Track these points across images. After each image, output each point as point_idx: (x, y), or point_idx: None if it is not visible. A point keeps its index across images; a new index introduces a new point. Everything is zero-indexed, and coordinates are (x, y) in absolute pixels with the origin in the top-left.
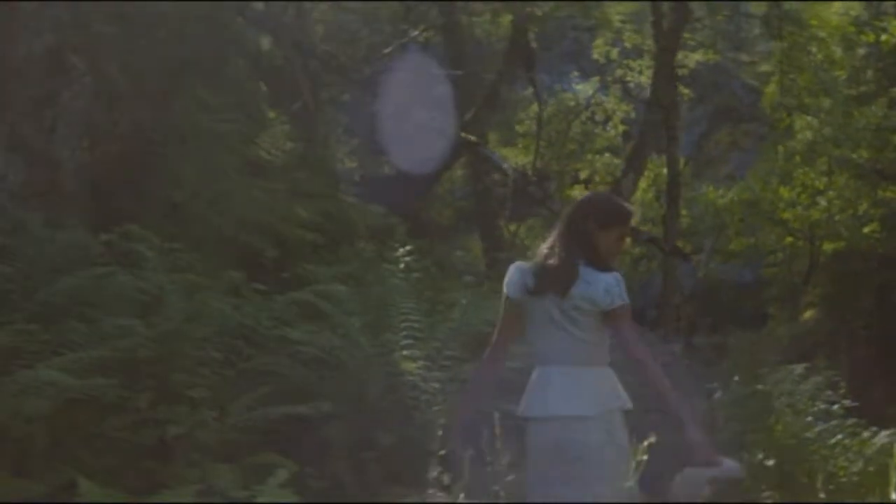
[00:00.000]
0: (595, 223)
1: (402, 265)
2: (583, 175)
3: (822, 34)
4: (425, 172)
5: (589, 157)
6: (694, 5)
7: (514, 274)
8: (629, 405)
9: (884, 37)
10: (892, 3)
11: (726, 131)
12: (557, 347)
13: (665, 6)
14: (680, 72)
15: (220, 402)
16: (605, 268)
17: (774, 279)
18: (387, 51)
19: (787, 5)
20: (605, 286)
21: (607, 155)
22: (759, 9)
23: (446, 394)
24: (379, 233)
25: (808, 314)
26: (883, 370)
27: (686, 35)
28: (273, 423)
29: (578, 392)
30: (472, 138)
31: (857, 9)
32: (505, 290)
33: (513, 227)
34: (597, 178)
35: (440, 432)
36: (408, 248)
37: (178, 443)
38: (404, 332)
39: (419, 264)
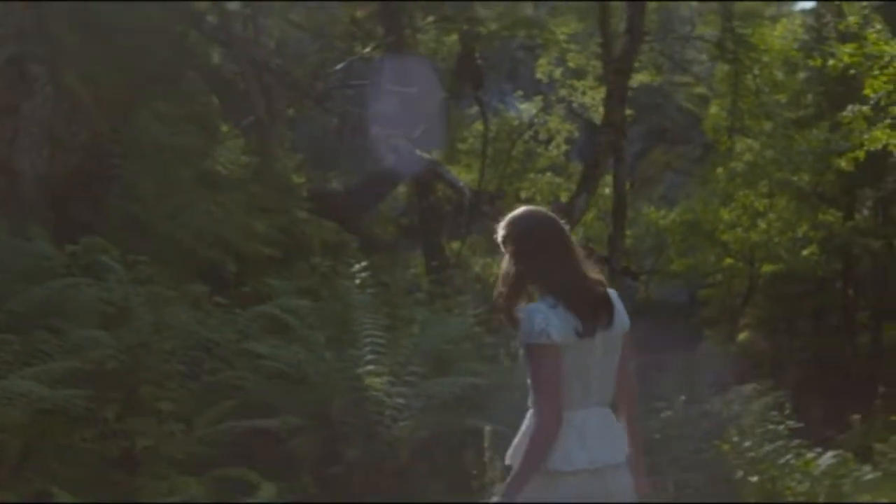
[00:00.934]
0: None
1: (357, 281)
2: (524, 194)
3: (765, 58)
4: (374, 188)
5: (531, 176)
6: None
7: (548, 318)
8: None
9: (831, 62)
10: (834, 27)
11: (660, 152)
12: (595, 387)
13: (614, 27)
14: None
15: (186, 415)
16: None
17: (711, 300)
18: (338, 67)
19: (738, 28)
20: (621, 304)
21: (549, 174)
22: (712, 30)
23: (411, 409)
24: (332, 248)
25: (743, 335)
26: (820, 392)
27: None
28: (239, 437)
29: (614, 434)
30: (428, 155)
31: (799, 32)
32: (547, 339)
33: (454, 244)
34: (538, 198)
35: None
36: (363, 264)
37: (145, 455)
38: (368, 348)
39: (373, 280)
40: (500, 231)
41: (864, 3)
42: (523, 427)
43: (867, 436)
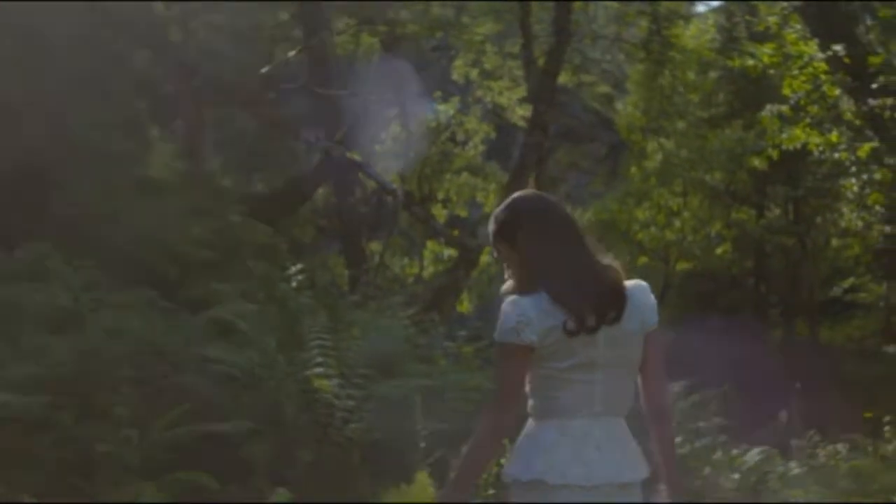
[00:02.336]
0: None
1: (294, 284)
2: (440, 195)
3: (678, 57)
4: (298, 190)
5: (448, 176)
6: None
7: (526, 315)
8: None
9: (750, 62)
10: (746, 27)
11: (565, 151)
12: (601, 393)
13: (537, 29)
14: None
15: (140, 420)
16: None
17: None
18: (263, 70)
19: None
20: (649, 297)
21: (465, 174)
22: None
23: (362, 412)
24: (264, 251)
25: None
26: (736, 389)
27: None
28: (194, 441)
29: (623, 449)
30: (357, 157)
31: (711, 32)
32: (516, 338)
33: (374, 246)
34: (454, 198)
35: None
36: (298, 266)
37: (102, 460)
38: (316, 351)
39: (308, 283)
40: (500, 216)
41: (784, 4)
42: (521, 436)
43: (789, 432)
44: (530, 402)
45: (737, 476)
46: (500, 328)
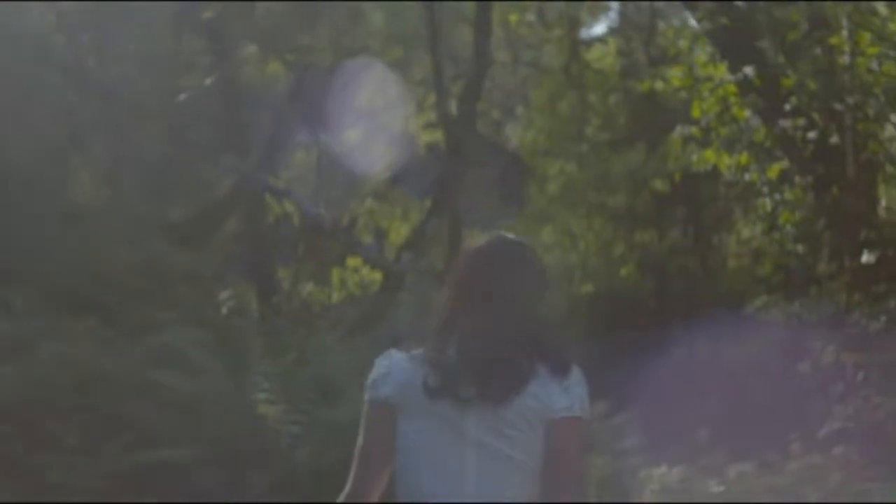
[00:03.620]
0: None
1: (225, 309)
2: (345, 220)
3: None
4: (212, 216)
5: (353, 203)
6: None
7: (391, 367)
8: None
9: (660, 84)
10: (645, 50)
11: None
12: (473, 480)
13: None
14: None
15: (90, 448)
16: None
17: None
18: (181, 97)
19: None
20: (570, 383)
21: (370, 200)
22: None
23: (310, 437)
24: (191, 278)
25: None
26: (647, 408)
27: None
28: (145, 468)
29: None
30: (280, 185)
31: (612, 55)
32: (375, 392)
33: (284, 273)
34: (360, 223)
35: None
36: (227, 292)
37: (54, 489)
38: (261, 377)
39: (238, 308)
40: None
41: (694, 26)
42: None
43: (702, 450)
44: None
45: (659, 493)
46: (366, 383)
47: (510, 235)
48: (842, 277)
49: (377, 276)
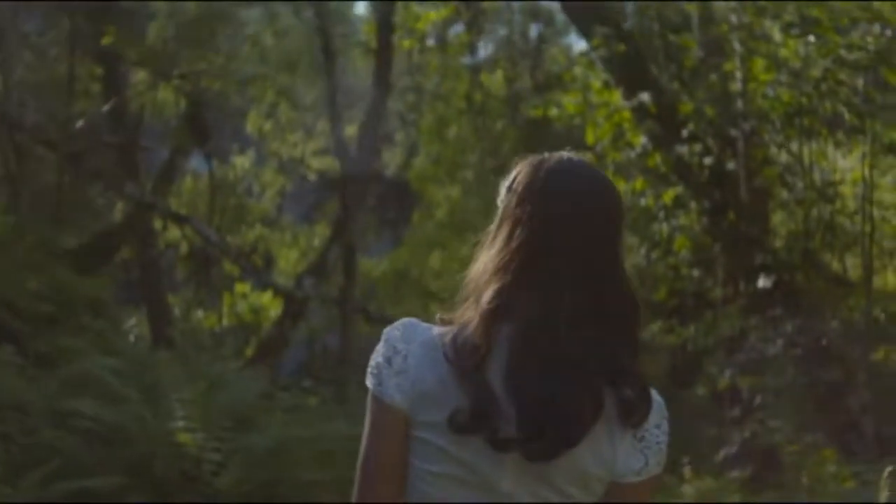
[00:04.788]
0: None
1: (132, 337)
2: (243, 247)
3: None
4: (106, 243)
5: (243, 228)
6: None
7: (408, 352)
8: None
9: (555, 111)
10: (531, 77)
11: (333, 201)
12: None
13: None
14: None
15: (11, 478)
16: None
17: None
18: (79, 124)
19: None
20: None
21: (258, 226)
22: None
23: (230, 464)
24: (95, 305)
25: None
26: None
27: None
28: (67, 498)
29: None
30: (182, 212)
31: (500, 81)
32: (375, 384)
33: (175, 300)
34: (245, 250)
35: None
36: (133, 320)
37: None
38: (178, 404)
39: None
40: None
41: (587, 52)
42: None
43: None
44: None
45: None
46: (369, 363)
47: (580, 158)
48: (737, 302)
49: (267, 301)
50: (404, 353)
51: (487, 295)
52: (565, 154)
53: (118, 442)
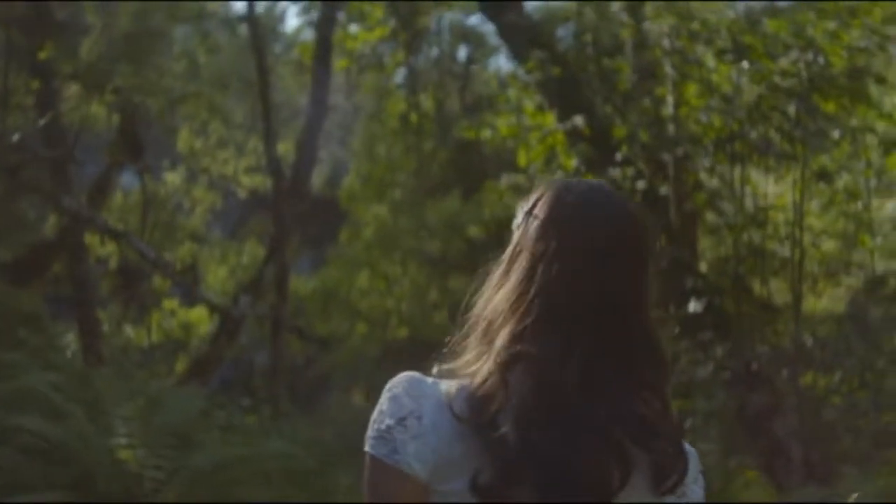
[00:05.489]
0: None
1: (69, 353)
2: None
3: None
4: (39, 257)
5: (173, 245)
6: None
7: (427, 421)
8: None
9: (489, 133)
10: (459, 98)
11: (257, 219)
12: None
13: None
14: None
15: None
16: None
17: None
18: (14, 138)
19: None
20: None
21: (188, 243)
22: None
23: (171, 483)
24: (29, 320)
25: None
26: None
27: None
28: None
29: None
30: (120, 228)
31: (431, 105)
32: (387, 452)
33: (103, 315)
34: (178, 266)
35: None
36: (70, 335)
37: None
38: (119, 421)
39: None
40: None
41: (522, 74)
42: None
43: None
44: None
45: None
46: (371, 424)
47: (606, 186)
48: (668, 325)
49: (195, 317)
50: (417, 413)
51: (503, 339)
52: (593, 181)
53: (60, 458)
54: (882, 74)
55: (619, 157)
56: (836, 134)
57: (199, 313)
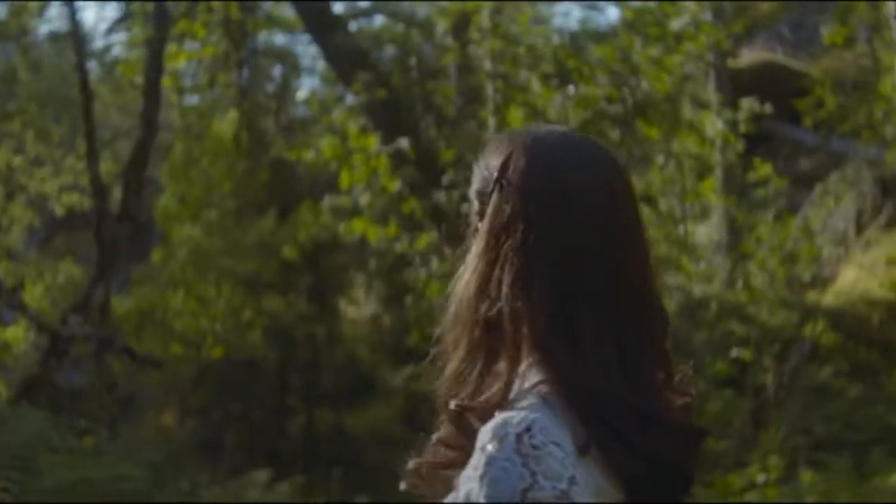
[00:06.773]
0: None
1: None
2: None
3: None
4: None
5: None
6: None
7: (577, 470)
8: None
9: (312, 154)
10: (275, 121)
11: (65, 237)
12: None
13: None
14: None
15: None
16: None
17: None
18: None
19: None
20: None
21: (5, 261)
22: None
23: None
24: None
25: (170, 420)
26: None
27: None
28: None
29: None
30: None
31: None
32: None
33: None
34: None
35: None
36: None
37: None
38: None
39: None
40: (484, 173)
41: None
42: None
43: None
44: None
45: None
46: (514, 487)
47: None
48: None
49: (11, 336)
50: (564, 459)
51: (536, 349)
52: (558, 127)
53: None
54: (702, 99)
55: (445, 180)
56: (660, 159)
57: (14, 332)
